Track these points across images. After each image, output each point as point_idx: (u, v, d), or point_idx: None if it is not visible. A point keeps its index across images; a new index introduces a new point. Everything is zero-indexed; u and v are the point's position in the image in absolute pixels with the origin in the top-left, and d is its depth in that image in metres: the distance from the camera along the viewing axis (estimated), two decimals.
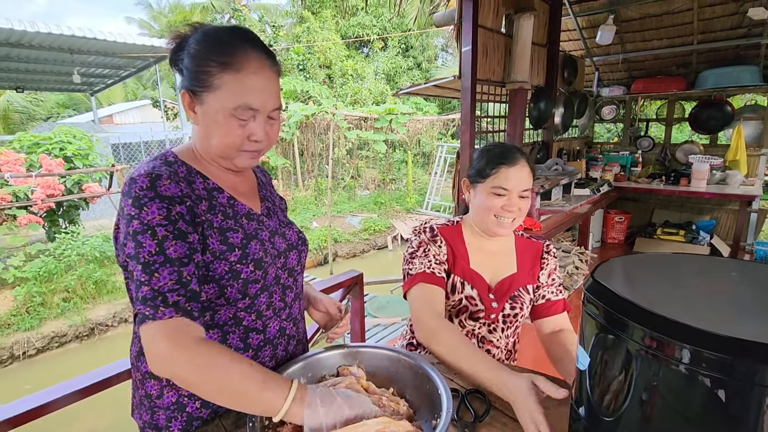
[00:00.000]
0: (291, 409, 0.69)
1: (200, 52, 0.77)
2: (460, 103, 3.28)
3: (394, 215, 9.50)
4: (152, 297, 0.68)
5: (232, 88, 0.76)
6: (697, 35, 4.31)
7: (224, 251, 0.79)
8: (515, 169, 1.12)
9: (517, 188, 1.12)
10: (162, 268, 0.69)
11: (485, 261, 1.22)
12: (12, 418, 1.04)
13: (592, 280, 0.56)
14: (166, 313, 0.68)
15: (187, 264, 0.72)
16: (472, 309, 1.17)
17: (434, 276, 1.14)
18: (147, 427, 0.89)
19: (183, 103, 0.81)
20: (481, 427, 0.84)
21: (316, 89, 11.21)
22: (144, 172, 0.74)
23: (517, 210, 1.13)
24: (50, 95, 15.79)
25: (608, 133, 9.62)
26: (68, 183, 5.77)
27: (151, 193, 0.72)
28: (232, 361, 0.69)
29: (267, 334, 0.91)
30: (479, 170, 1.17)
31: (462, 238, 1.23)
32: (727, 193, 3.93)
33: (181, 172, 0.81)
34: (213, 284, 0.79)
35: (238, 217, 0.86)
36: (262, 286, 0.86)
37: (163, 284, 0.69)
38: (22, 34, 6.35)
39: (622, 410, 0.51)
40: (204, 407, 0.88)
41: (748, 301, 0.54)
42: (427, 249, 1.18)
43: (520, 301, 1.20)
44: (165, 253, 0.70)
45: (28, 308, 5.02)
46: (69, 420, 3.58)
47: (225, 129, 0.78)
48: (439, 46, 16.86)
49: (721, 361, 0.40)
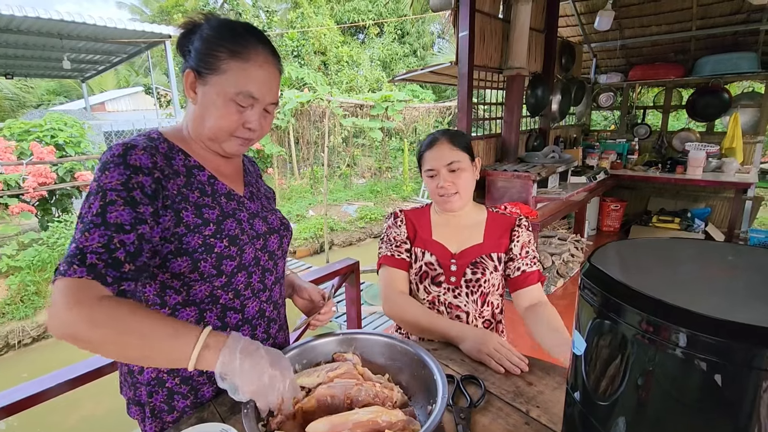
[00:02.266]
0: (202, 355, 0.67)
1: (213, 37, 0.81)
2: (456, 90, 3.25)
3: (390, 203, 9.49)
4: (73, 254, 0.66)
5: (238, 75, 0.80)
6: (695, 21, 4.28)
7: (199, 225, 0.81)
8: (434, 150, 1.23)
9: (439, 164, 1.21)
10: (95, 229, 0.68)
11: (450, 234, 1.30)
12: (7, 406, 1.04)
13: (589, 265, 0.55)
14: (77, 272, 0.65)
15: (128, 232, 0.70)
16: (432, 274, 1.27)
17: (394, 258, 1.29)
18: (131, 403, 0.92)
19: (185, 82, 0.83)
20: (477, 412, 0.84)
21: (311, 76, 11.07)
22: (122, 142, 0.77)
23: (451, 185, 1.21)
24: (41, 82, 15.54)
25: (605, 120, 9.61)
26: (60, 171, 5.71)
27: (119, 160, 0.74)
28: (135, 311, 0.67)
29: (246, 314, 0.92)
30: (417, 161, 1.30)
31: (428, 217, 1.34)
32: (723, 181, 3.94)
33: (162, 148, 0.82)
34: (186, 257, 0.80)
35: (216, 195, 0.88)
36: (238, 264, 0.87)
37: (89, 244, 0.67)
38: (9, 19, 6.21)
39: (617, 395, 0.50)
40: (183, 384, 0.89)
41: (744, 285, 0.53)
42: (390, 233, 1.32)
43: (482, 267, 1.25)
44: (105, 216, 0.69)
45: (22, 297, 5.01)
46: (67, 408, 3.60)
47: (223, 112, 0.81)
48: (435, 33, 16.66)
49: (718, 345, 0.40)
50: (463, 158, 1.22)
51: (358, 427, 0.69)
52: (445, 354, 1.05)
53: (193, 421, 0.84)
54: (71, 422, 3.54)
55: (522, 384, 0.93)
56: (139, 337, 0.65)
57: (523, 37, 3.27)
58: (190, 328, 0.70)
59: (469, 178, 1.24)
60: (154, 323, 0.67)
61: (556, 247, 3.71)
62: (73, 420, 3.55)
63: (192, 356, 0.67)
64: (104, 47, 8.50)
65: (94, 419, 3.52)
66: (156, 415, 0.88)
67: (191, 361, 0.67)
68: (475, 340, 1.03)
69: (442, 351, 1.07)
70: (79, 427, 3.49)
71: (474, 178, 1.26)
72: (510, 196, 3.14)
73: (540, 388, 0.92)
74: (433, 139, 1.25)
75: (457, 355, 1.05)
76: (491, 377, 0.96)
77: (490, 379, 0.95)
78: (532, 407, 0.85)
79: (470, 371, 0.98)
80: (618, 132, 5.36)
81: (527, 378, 0.95)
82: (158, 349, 0.67)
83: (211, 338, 0.69)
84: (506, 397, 0.89)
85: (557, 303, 3.34)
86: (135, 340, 0.65)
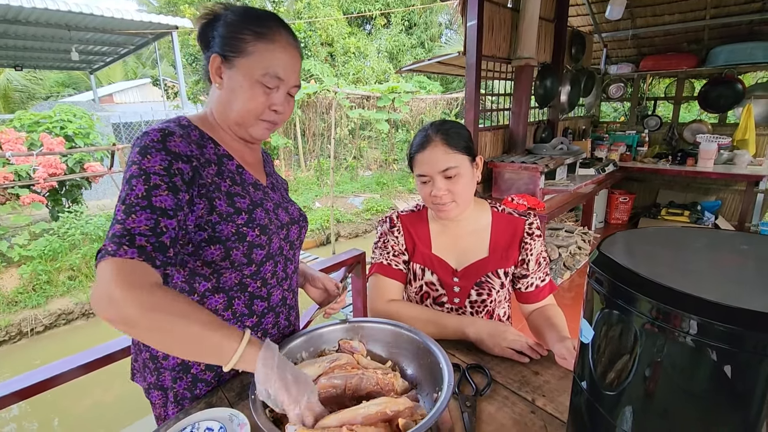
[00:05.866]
0: (246, 352, 0.68)
1: (237, 22, 0.82)
2: (464, 81, 3.21)
3: (396, 196, 9.47)
4: (120, 234, 0.66)
5: (264, 56, 0.82)
6: (710, 10, 4.18)
7: (231, 213, 0.82)
8: (427, 152, 1.06)
9: (433, 170, 1.05)
10: (141, 212, 0.68)
11: (451, 245, 1.17)
12: (20, 391, 1.07)
13: (598, 253, 0.55)
14: (128, 253, 0.65)
15: (171, 218, 0.71)
16: (434, 294, 1.18)
17: (391, 269, 1.17)
18: (152, 388, 0.92)
19: (211, 68, 0.84)
20: (482, 400, 0.85)
21: (317, 67, 11.02)
22: (158, 128, 0.77)
23: (447, 193, 1.06)
24: (50, 74, 15.61)
25: (615, 112, 9.46)
26: (70, 162, 5.76)
27: (160, 146, 0.74)
28: (187, 304, 0.67)
29: (271, 302, 0.94)
30: (408, 162, 1.14)
31: (426, 224, 1.20)
32: (734, 173, 3.87)
33: (194, 136, 0.83)
34: (219, 245, 0.81)
35: (245, 184, 0.88)
36: (267, 253, 0.88)
37: (137, 226, 0.67)
38: (18, 10, 6.23)
39: (625, 384, 0.50)
40: (208, 369, 0.90)
41: (756, 274, 0.53)
42: (386, 240, 1.20)
43: (488, 287, 1.15)
44: (151, 199, 0.69)
45: (34, 286, 5.09)
46: (77, 393, 3.67)
47: (250, 94, 0.82)
48: (443, 24, 16.46)
49: (730, 332, 0.39)
50: (461, 162, 1.05)
51: (368, 420, 0.70)
52: (451, 343, 1.05)
53: (202, 406, 0.85)
54: (83, 407, 3.61)
55: (528, 373, 0.93)
56: (187, 329, 0.65)
57: (532, 27, 3.22)
58: (232, 328, 0.70)
59: (467, 183, 1.07)
60: (200, 315, 0.68)
61: (563, 240, 3.69)
62: (85, 405, 3.63)
63: (237, 352, 0.67)
64: (112, 38, 8.51)
65: (104, 405, 3.59)
66: (179, 401, 0.90)
67: (234, 356, 0.67)
68: (491, 334, 0.99)
69: (448, 340, 1.08)
70: (90, 412, 3.56)
71: (474, 180, 1.10)
72: (517, 188, 3.12)
73: (546, 377, 0.92)
74: (425, 138, 1.07)
75: (462, 344, 1.05)
76: (497, 366, 0.96)
77: (495, 368, 0.95)
78: (538, 396, 0.85)
79: (476, 360, 0.98)
80: (628, 123, 5.28)
81: (533, 367, 0.95)
82: (204, 342, 0.67)
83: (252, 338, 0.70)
84: (512, 386, 0.89)
85: (564, 295, 3.33)
86: (183, 330, 0.65)
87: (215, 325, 0.68)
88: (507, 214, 1.19)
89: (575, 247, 3.71)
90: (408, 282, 1.22)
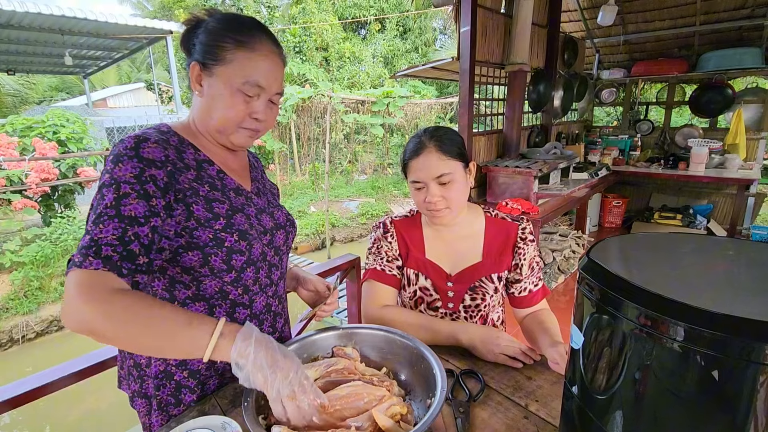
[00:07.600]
0: (219, 344, 0.67)
1: (218, 29, 0.82)
2: (458, 86, 3.24)
3: (391, 200, 9.48)
4: (87, 246, 0.67)
5: (244, 64, 0.81)
6: (699, 16, 4.24)
7: (209, 219, 0.81)
8: (421, 159, 1.07)
9: (429, 177, 1.06)
10: (109, 221, 0.68)
11: (444, 250, 1.18)
12: (11, 399, 1.05)
13: (588, 259, 0.55)
14: (93, 264, 0.65)
15: (142, 225, 0.71)
16: (427, 299, 1.19)
17: (385, 274, 1.18)
18: (136, 396, 0.91)
19: (191, 75, 0.84)
20: (476, 406, 0.85)
21: (312, 72, 11.03)
22: (134, 134, 0.77)
23: (441, 200, 1.07)
24: (43, 78, 15.52)
25: (607, 116, 9.54)
26: (63, 167, 5.72)
27: (132, 153, 0.74)
28: (152, 304, 0.67)
29: (254, 309, 0.93)
30: (402, 168, 1.16)
31: (420, 229, 1.21)
32: (726, 177, 3.92)
33: (173, 141, 0.82)
34: (197, 251, 0.80)
35: (225, 190, 0.88)
36: (247, 259, 0.87)
37: (104, 236, 0.67)
38: (11, 14, 6.20)
39: (615, 389, 0.51)
40: (191, 377, 0.89)
41: (744, 279, 0.53)
42: (380, 245, 1.21)
43: (482, 291, 1.16)
44: (119, 208, 0.70)
45: (26, 292, 5.03)
46: (71, 401, 3.63)
47: (229, 102, 0.82)
48: (437, 29, 16.57)
49: (716, 339, 0.40)
50: (455, 168, 1.06)
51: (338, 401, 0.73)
52: (445, 348, 1.05)
53: (194, 413, 0.84)
54: (74, 415, 3.57)
55: (521, 378, 0.94)
56: (155, 328, 0.65)
57: (525, 32, 3.25)
58: (205, 319, 0.69)
59: (461, 189, 1.09)
60: (170, 314, 0.67)
61: (557, 243, 3.71)
62: (77, 413, 3.58)
63: (209, 345, 0.66)
64: (106, 43, 8.49)
65: (97, 412, 3.55)
66: (162, 408, 0.89)
67: (208, 350, 0.66)
68: (484, 341, 0.99)
69: (442, 345, 1.08)
70: (82, 420, 3.51)
71: (468, 186, 1.12)
72: (511, 192, 3.14)
73: (539, 382, 0.92)
74: (419, 144, 1.08)
75: (456, 349, 1.05)
76: (490, 371, 0.96)
77: (489, 373, 0.95)
78: (531, 401, 0.86)
79: (469, 365, 0.98)
80: (620, 128, 5.34)
81: (526, 372, 0.96)
82: (175, 339, 0.67)
83: (226, 327, 0.69)
84: (505, 392, 0.89)
85: (558, 299, 3.34)
86: (151, 331, 0.65)
87: (185, 318, 0.68)
88: (500, 219, 1.20)
89: (569, 251, 3.73)
90: (402, 287, 1.22)
